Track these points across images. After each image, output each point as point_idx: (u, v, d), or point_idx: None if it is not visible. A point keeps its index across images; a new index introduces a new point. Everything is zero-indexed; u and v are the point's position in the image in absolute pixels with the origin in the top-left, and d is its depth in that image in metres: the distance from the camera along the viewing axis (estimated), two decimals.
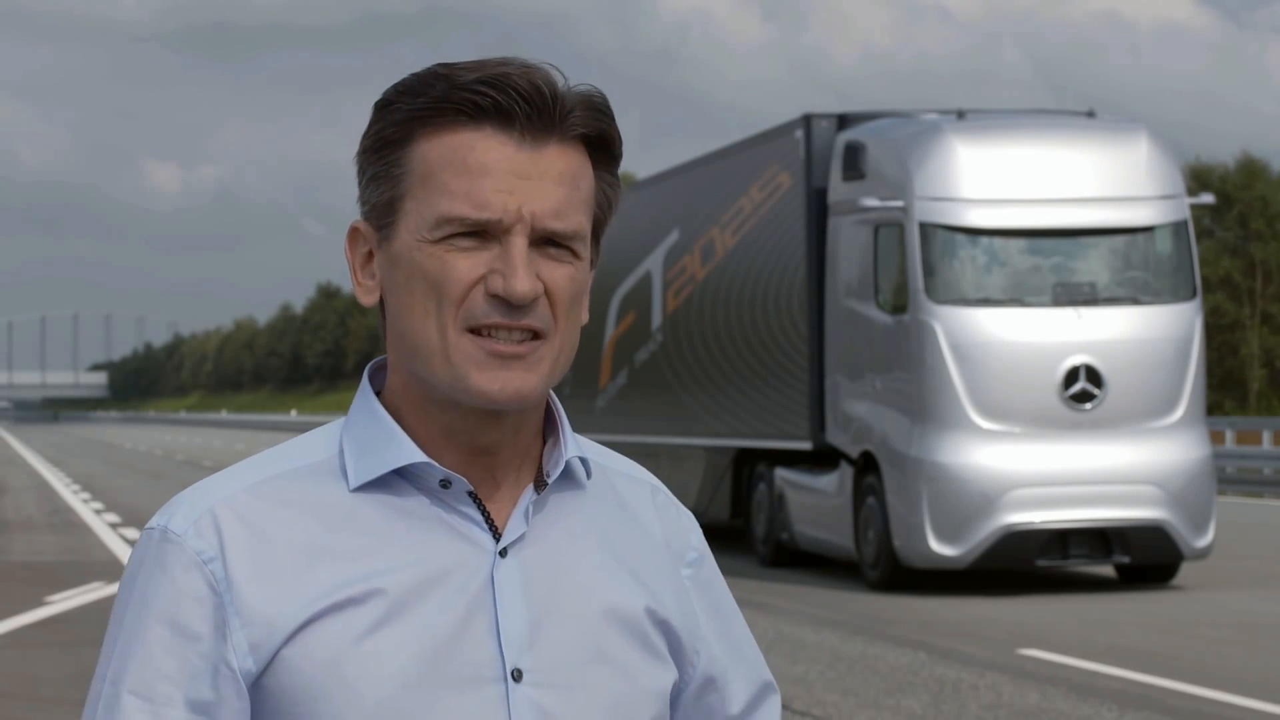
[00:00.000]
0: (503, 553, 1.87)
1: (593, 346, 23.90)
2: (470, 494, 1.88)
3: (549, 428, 1.95)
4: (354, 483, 1.87)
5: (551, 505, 1.92)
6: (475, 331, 1.83)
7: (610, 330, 23.37)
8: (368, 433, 1.89)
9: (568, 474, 1.94)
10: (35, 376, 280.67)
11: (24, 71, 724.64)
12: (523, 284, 1.82)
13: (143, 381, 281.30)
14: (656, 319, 21.88)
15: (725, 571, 2.09)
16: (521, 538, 1.89)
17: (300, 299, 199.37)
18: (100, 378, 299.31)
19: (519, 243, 1.83)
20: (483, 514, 1.88)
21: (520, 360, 1.84)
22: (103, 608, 15.73)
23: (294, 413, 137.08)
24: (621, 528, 1.97)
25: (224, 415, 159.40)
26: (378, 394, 1.93)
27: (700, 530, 2.07)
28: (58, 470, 48.13)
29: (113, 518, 27.75)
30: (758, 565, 19.39)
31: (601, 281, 23.12)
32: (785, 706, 11.05)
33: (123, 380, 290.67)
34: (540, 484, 1.92)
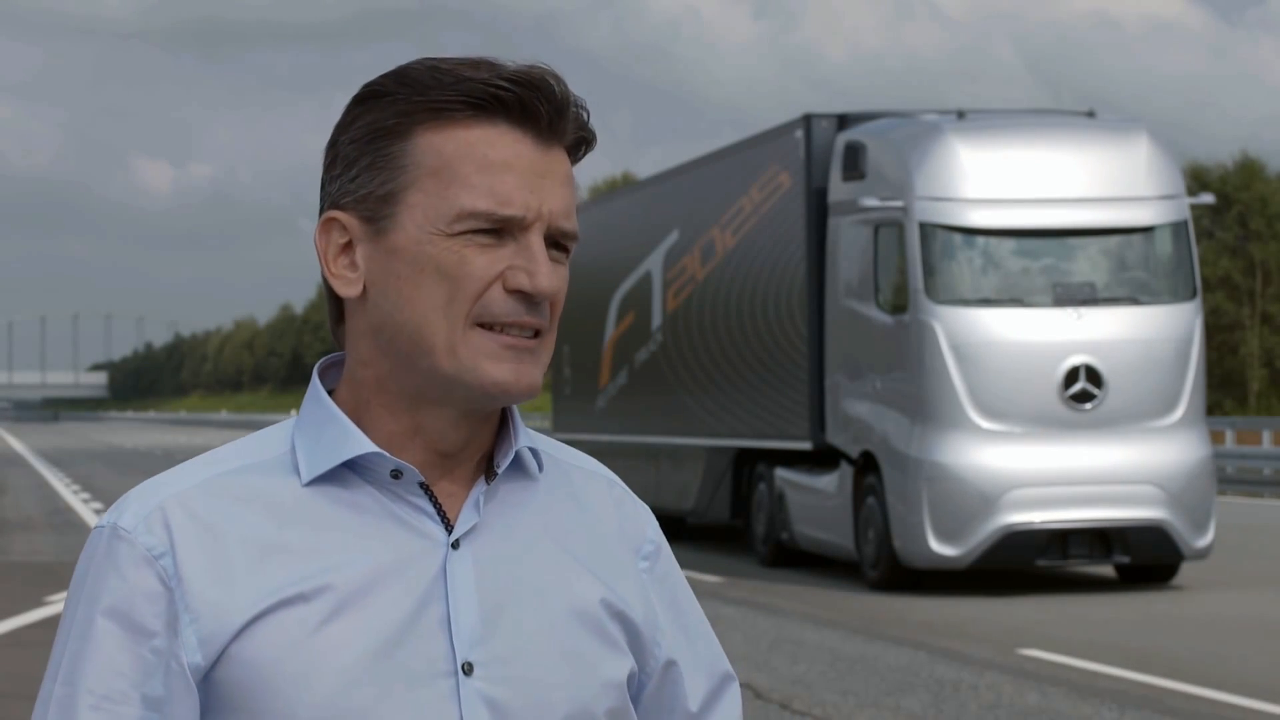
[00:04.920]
0: (455, 545, 1.87)
1: (593, 346, 23.89)
2: (421, 485, 1.88)
3: (500, 420, 1.95)
4: (305, 477, 1.87)
5: (503, 496, 1.92)
6: (487, 327, 1.84)
7: (610, 330, 23.35)
8: (319, 428, 1.89)
9: (519, 465, 1.94)
10: (35, 376, 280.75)
11: (12, 71, 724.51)
12: (549, 280, 1.84)
13: (143, 381, 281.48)
14: (656, 319, 21.87)
15: (725, 571, 2.08)
16: (474, 529, 1.88)
17: (300, 299, 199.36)
18: (100, 378, 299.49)
19: (538, 240, 1.84)
20: (434, 506, 1.88)
21: (530, 354, 1.85)
22: None
23: (294, 412, 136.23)
24: (575, 520, 1.96)
25: (224, 415, 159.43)
26: (330, 392, 1.93)
27: (656, 523, 2.06)
28: (58, 470, 48.11)
29: None
30: (758, 565, 19.37)
31: (601, 281, 23.12)
32: (785, 706, 11.06)
33: (123, 380, 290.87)
34: (490, 474, 1.91)
